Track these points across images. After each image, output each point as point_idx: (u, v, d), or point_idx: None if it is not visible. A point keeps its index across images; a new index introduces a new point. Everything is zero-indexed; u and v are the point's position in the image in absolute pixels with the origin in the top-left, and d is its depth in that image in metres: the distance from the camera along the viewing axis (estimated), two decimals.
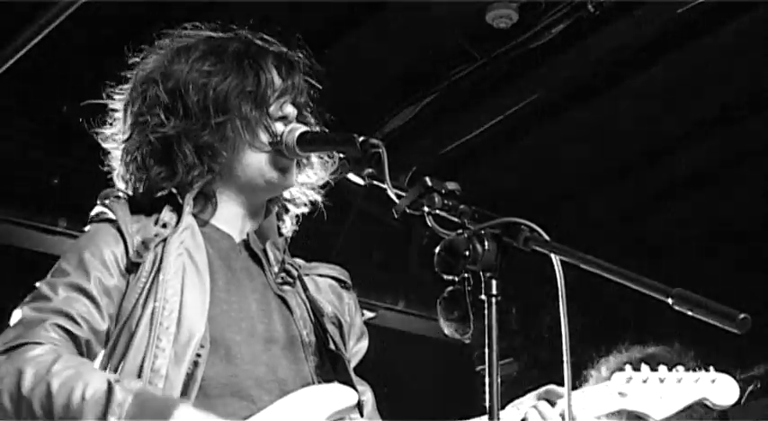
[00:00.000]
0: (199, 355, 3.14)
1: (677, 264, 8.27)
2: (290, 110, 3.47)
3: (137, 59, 3.60)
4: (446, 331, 2.93)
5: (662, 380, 3.78)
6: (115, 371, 3.14)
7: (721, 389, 3.84)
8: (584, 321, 8.29)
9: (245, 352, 3.24)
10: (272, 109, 3.45)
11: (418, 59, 7.04)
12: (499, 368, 2.78)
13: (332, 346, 3.39)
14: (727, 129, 7.74)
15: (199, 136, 3.38)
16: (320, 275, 3.65)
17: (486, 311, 2.79)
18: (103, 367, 3.17)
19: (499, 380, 2.78)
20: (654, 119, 7.60)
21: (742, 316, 2.45)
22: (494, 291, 2.81)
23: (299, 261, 3.64)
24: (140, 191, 3.44)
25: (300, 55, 3.62)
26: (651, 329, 7.90)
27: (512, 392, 3.60)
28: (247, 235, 3.48)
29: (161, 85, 3.45)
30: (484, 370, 2.77)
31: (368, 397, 3.66)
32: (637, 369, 3.81)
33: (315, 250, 3.80)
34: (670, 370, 3.82)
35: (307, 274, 3.59)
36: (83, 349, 3.17)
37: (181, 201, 3.37)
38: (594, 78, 7.23)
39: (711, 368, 3.87)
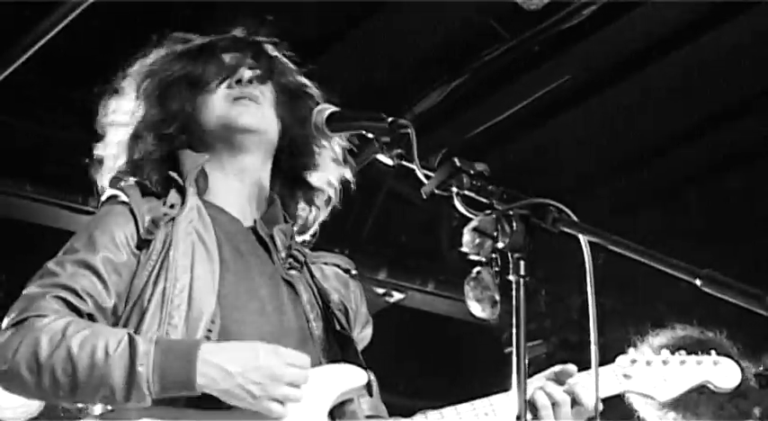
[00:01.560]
0: (210, 331, 3.16)
1: (710, 247, 8.23)
2: (247, 74, 3.58)
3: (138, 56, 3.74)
4: (473, 312, 2.94)
5: (665, 363, 3.79)
6: None
7: (724, 372, 3.85)
8: (613, 303, 8.30)
9: (254, 332, 3.24)
10: (225, 84, 3.58)
11: (448, 41, 7.02)
12: (527, 349, 2.77)
13: (339, 328, 3.41)
14: (762, 112, 7.68)
15: (174, 115, 3.57)
16: (326, 263, 3.67)
17: (514, 292, 2.79)
18: None
19: (527, 362, 2.78)
20: (687, 97, 7.55)
21: None
22: (522, 272, 2.81)
23: (305, 250, 3.66)
24: (142, 175, 3.49)
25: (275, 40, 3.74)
26: (680, 312, 7.89)
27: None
28: (254, 221, 3.51)
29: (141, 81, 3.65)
30: (512, 351, 2.77)
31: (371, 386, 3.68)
32: (640, 351, 3.83)
33: (345, 231, 3.81)
34: (673, 353, 3.83)
35: (313, 263, 3.61)
36: (84, 319, 3.18)
37: (181, 182, 3.41)
38: (626, 60, 7.20)
39: (713, 352, 3.87)
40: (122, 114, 3.62)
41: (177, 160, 3.50)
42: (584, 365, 3.55)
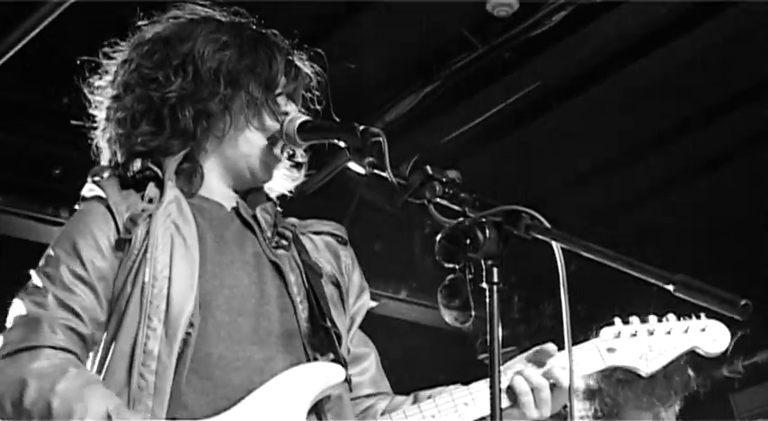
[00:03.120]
0: (189, 333, 3.13)
1: (676, 253, 8.26)
2: (292, 108, 3.50)
3: (143, 23, 3.61)
4: (447, 319, 2.93)
5: (651, 333, 3.75)
6: (107, 352, 3.13)
7: (711, 336, 3.81)
8: (586, 309, 8.32)
9: (235, 331, 3.22)
10: (278, 99, 3.46)
11: (419, 48, 7.03)
12: (501, 356, 2.77)
13: (321, 321, 3.36)
14: (730, 116, 7.72)
15: (204, 102, 3.38)
16: (316, 233, 3.63)
17: (487, 300, 2.79)
18: (97, 346, 3.18)
19: (501, 369, 2.78)
20: (655, 106, 7.59)
21: (743, 302, 2.45)
22: (495, 279, 2.81)
23: (293, 220, 3.62)
24: (120, 154, 3.42)
25: (305, 60, 3.63)
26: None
27: None
28: (237, 202, 3.46)
29: (175, 45, 3.45)
30: (486, 358, 2.77)
31: (371, 360, 3.68)
32: (626, 322, 3.80)
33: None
34: (660, 320, 3.80)
35: (303, 233, 3.57)
36: (88, 344, 3.17)
37: (160, 174, 3.35)
38: (596, 65, 7.22)
39: (702, 315, 3.83)
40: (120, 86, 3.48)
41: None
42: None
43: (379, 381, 3.64)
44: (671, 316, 3.81)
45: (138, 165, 3.39)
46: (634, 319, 3.78)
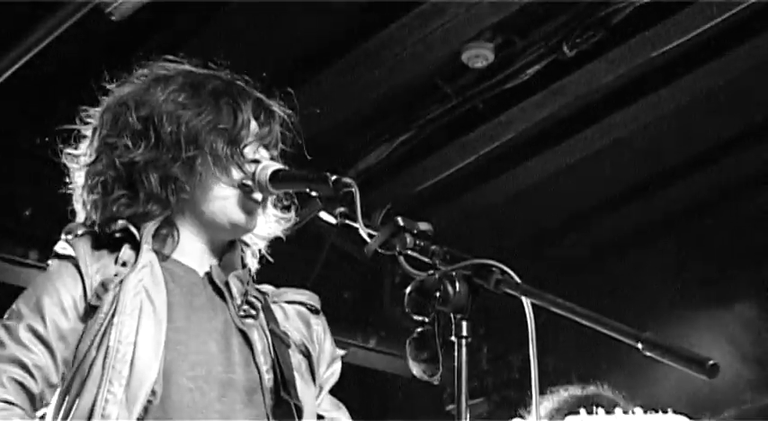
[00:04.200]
0: (150, 401, 3.10)
1: (651, 307, 8.28)
2: (264, 154, 3.46)
3: (113, 85, 3.57)
4: (414, 372, 2.92)
5: None
6: (68, 414, 3.10)
7: None
8: (555, 362, 8.31)
9: (199, 399, 3.18)
10: (246, 150, 3.43)
11: (393, 98, 7.04)
12: (469, 408, 2.77)
13: (283, 393, 3.32)
14: (704, 170, 7.77)
15: (167, 167, 3.34)
16: (288, 302, 3.59)
17: (456, 353, 2.78)
18: (57, 408, 3.14)
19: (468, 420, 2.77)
20: (627, 161, 7.63)
21: (711, 362, 2.45)
22: (464, 333, 2.81)
23: (268, 288, 3.59)
24: (98, 218, 3.38)
25: (278, 104, 3.60)
26: (625, 370, 7.92)
27: None
28: (210, 267, 3.43)
29: (134, 110, 3.41)
30: (454, 409, 2.76)
31: None
32: (591, 412, 3.78)
33: (287, 286, 3.77)
34: (625, 412, 3.79)
35: (275, 302, 3.54)
36: (36, 402, 3.14)
37: (138, 237, 3.32)
38: (569, 119, 7.25)
39: (669, 410, 3.83)
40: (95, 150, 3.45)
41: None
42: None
43: None
44: (638, 409, 3.81)
45: (117, 226, 3.35)
46: (600, 411, 3.78)
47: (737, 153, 7.58)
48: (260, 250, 3.62)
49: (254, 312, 3.41)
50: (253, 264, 3.60)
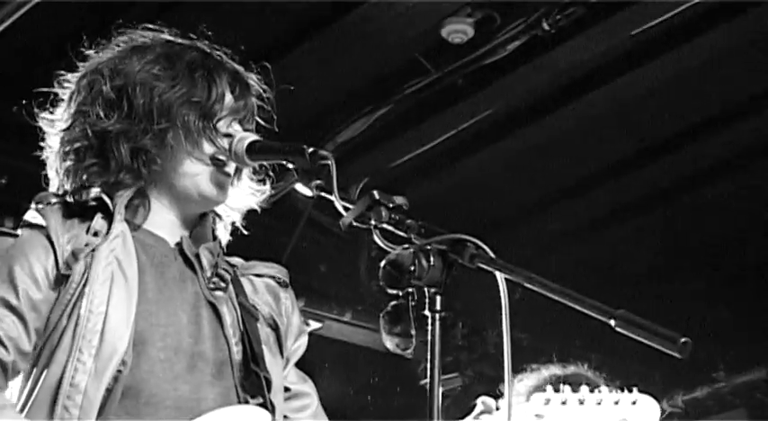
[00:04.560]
0: (120, 371, 3.10)
1: (622, 286, 8.32)
2: (237, 128, 3.44)
3: (92, 52, 3.55)
4: (388, 345, 2.93)
5: (582, 402, 3.74)
6: (36, 383, 3.11)
7: (641, 410, 3.82)
8: (530, 338, 8.35)
9: (168, 369, 3.19)
10: (219, 124, 3.42)
11: (372, 72, 7.04)
12: (443, 383, 2.78)
13: (252, 365, 3.33)
14: (679, 152, 7.80)
15: (138, 138, 3.33)
16: (257, 275, 3.59)
17: (429, 327, 2.79)
18: (26, 378, 3.15)
19: (441, 396, 2.78)
20: (605, 139, 7.65)
21: (683, 339, 2.46)
22: (438, 307, 2.81)
23: (237, 260, 3.58)
24: (71, 186, 3.37)
25: (255, 78, 3.58)
26: (596, 347, 7.96)
27: (456, 406, 3.59)
28: (181, 238, 3.42)
29: (109, 80, 3.40)
30: (427, 384, 2.77)
31: (311, 398, 3.65)
32: (557, 389, 3.80)
33: (263, 258, 3.77)
34: (592, 391, 3.80)
35: (244, 275, 3.54)
36: (8, 371, 3.14)
37: (111, 207, 3.31)
38: (548, 96, 7.26)
39: (635, 389, 3.85)
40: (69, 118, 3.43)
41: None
42: (495, 397, 3.55)
43: (320, 419, 3.63)
44: (603, 387, 3.82)
45: (90, 194, 3.33)
46: (565, 388, 3.79)
47: (719, 130, 7.61)
48: (234, 222, 3.61)
49: (223, 285, 3.41)
50: (224, 236, 3.60)
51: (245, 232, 3.64)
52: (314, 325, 8.30)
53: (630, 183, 8.17)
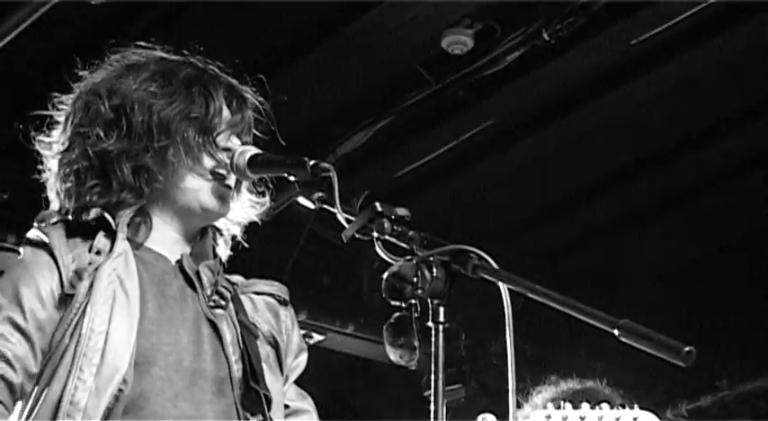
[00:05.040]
0: (121, 390, 3.09)
1: (625, 295, 8.32)
2: (236, 142, 3.43)
3: (86, 73, 3.54)
4: (392, 357, 2.92)
5: (582, 419, 3.76)
6: (36, 401, 3.10)
7: None
8: (533, 349, 8.33)
9: (169, 388, 3.18)
10: (218, 138, 3.41)
11: (373, 84, 7.05)
12: (446, 394, 2.77)
13: (252, 383, 3.32)
14: (679, 161, 7.81)
15: (139, 157, 3.32)
16: (257, 293, 3.58)
17: (432, 339, 2.78)
18: (27, 398, 3.14)
19: (445, 407, 2.77)
20: (607, 149, 7.65)
21: (687, 349, 2.45)
22: (441, 319, 2.81)
23: (238, 278, 3.58)
24: (72, 207, 3.35)
25: (251, 91, 3.57)
26: (599, 358, 7.96)
27: (459, 418, 3.59)
28: (181, 256, 3.41)
29: (106, 99, 3.39)
30: (431, 395, 2.77)
31: (310, 415, 3.62)
32: (559, 407, 3.79)
33: (266, 272, 3.77)
34: (593, 407, 3.80)
35: (244, 292, 3.53)
36: (16, 393, 3.14)
37: (114, 226, 3.31)
38: (548, 107, 7.27)
39: (636, 405, 3.85)
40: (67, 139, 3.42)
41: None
42: (503, 407, 3.55)
43: None
44: (604, 404, 3.82)
45: (92, 214, 3.33)
46: (566, 405, 3.79)
47: (719, 140, 7.62)
48: (235, 237, 3.61)
49: (223, 302, 3.41)
50: (225, 252, 3.60)
51: (247, 245, 3.64)
52: (317, 337, 8.30)
53: (632, 192, 8.17)
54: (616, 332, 2.55)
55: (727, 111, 7.40)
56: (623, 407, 3.83)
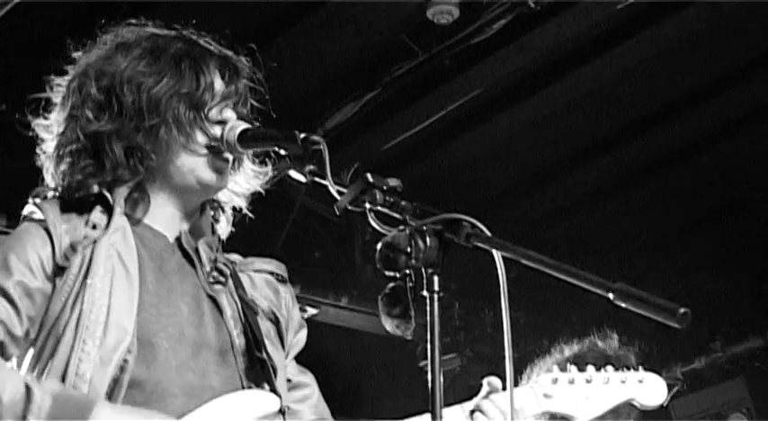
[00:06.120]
0: (126, 361, 3.11)
1: (616, 261, 8.34)
2: (229, 114, 3.42)
3: (79, 54, 3.53)
4: (388, 327, 2.92)
5: (589, 381, 3.77)
6: (41, 374, 3.12)
7: (649, 388, 3.84)
8: (527, 316, 8.36)
9: (173, 357, 3.20)
10: (212, 113, 3.40)
11: (360, 56, 7.04)
12: (442, 363, 2.77)
13: (257, 353, 3.35)
14: (668, 123, 7.81)
15: (130, 137, 3.32)
16: (256, 271, 3.60)
17: (427, 308, 2.78)
18: (31, 370, 3.16)
19: (442, 376, 2.78)
20: (594, 114, 7.65)
21: (682, 310, 2.46)
22: (435, 288, 2.80)
23: (235, 257, 3.60)
24: (67, 186, 3.36)
25: (244, 60, 3.56)
26: (593, 324, 7.98)
27: (455, 387, 3.61)
28: (180, 233, 3.42)
29: (96, 81, 3.39)
30: (427, 365, 2.77)
31: (312, 388, 3.66)
32: (564, 369, 3.81)
33: (258, 246, 3.77)
34: (598, 370, 3.82)
35: (242, 271, 3.55)
36: None
37: (111, 201, 3.31)
38: (536, 74, 7.26)
39: (641, 367, 3.86)
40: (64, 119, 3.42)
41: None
42: (499, 376, 3.56)
43: (321, 409, 3.64)
44: (609, 367, 3.83)
45: (89, 191, 3.34)
46: (572, 368, 3.81)
47: (703, 105, 7.62)
48: (241, 209, 3.61)
49: (222, 279, 3.43)
50: (226, 229, 3.60)
51: (247, 215, 3.64)
52: (311, 311, 8.31)
53: (621, 157, 8.18)
54: (611, 295, 2.56)
55: (713, 75, 7.40)
56: (628, 368, 3.84)
